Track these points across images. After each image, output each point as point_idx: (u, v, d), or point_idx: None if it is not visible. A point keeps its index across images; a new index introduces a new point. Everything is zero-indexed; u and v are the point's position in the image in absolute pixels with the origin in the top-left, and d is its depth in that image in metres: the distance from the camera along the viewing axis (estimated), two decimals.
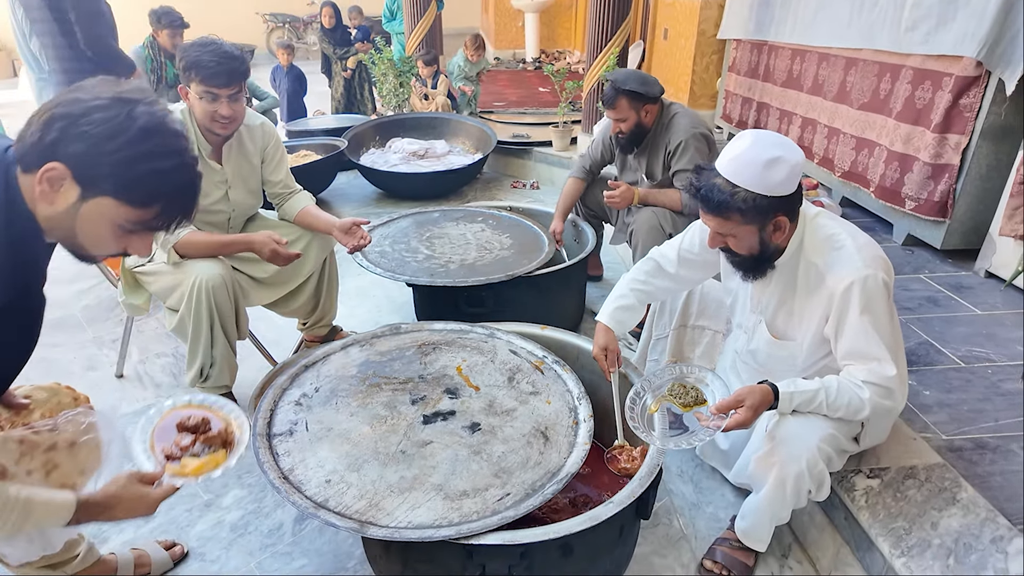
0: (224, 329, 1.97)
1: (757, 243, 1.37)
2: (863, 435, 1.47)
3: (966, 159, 2.49)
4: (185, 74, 1.84)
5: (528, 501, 1.30)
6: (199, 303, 1.89)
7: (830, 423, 1.37)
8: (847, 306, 1.32)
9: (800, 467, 1.34)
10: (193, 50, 1.82)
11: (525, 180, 4.77)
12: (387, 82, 5.29)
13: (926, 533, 1.35)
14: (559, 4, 9.23)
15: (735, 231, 1.36)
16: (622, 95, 2.33)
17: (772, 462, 1.38)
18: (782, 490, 1.38)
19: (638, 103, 2.35)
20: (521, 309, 2.25)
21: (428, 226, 2.74)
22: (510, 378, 1.71)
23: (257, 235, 1.94)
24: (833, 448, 1.39)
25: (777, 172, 1.29)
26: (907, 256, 2.74)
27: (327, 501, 1.29)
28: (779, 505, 1.41)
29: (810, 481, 1.37)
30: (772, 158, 1.28)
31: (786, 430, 1.38)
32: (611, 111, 2.39)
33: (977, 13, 2.34)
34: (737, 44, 4.42)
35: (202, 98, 1.84)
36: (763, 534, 1.51)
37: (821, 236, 1.39)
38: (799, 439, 1.36)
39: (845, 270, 1.32)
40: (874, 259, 1.33)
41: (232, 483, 1.89)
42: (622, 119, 2.39)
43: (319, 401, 1.60)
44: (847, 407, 1.33)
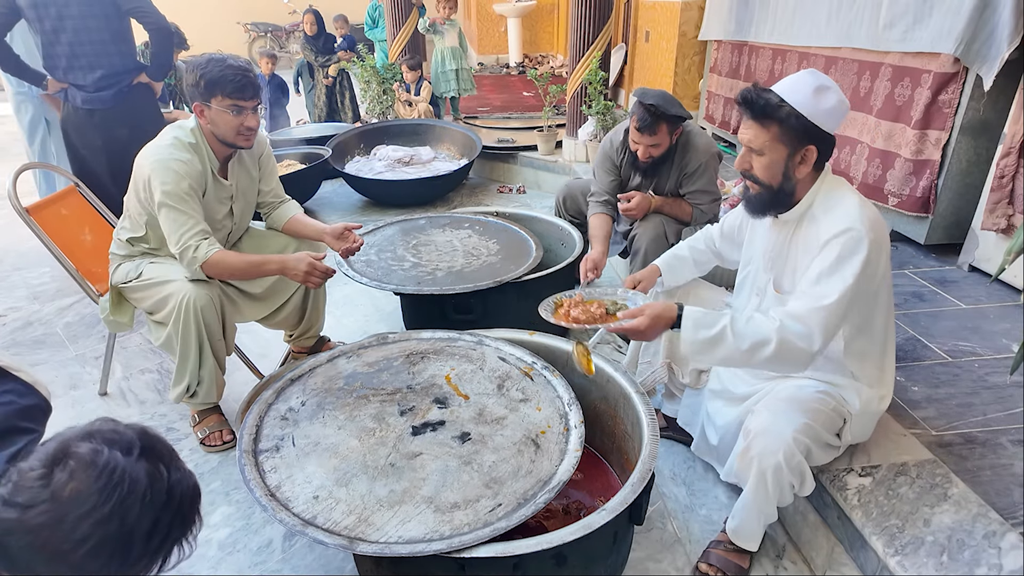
0: (213, 349, 1.95)
1: (781, 170, 1.38)
2: (845, 431, 1.47)
3: (947, 155, 2.51)
4: (205, 91, 1.80)
5: (520, 511, 1.28)
6: (187, 323, 1.87)
7: (804, 414, 1.38)
8: (827, 251, 1.33)
9: (777, 459, 1.36)
10: (211, 67, 1.79)
11: (511, 185, 4.77)
12: (370, 90, 5.26)
13: (919, 530, 1.35)
14: (541, 8, 9.26)
15: (767, 147, 1.37)
16: (663, 121, 2.17)
17: (751, 457, 1.40)
18: (763, 484, 1.40)
19: (674, 126, 2.23)
20: (510, 315, 2.24)
21: (414, 233, 2.72)
22: (499, 385, 1.69)
23: (291, 257, 1.88)
24: (811, 440, 1.39)
25: (826, 100, 1.32)
26: (891, 252, 2.76)
27: (315, 518, 1.27)
28: (763, 500, 1.42)
29: (790, 474, 1.38)
30: (823, 85, 1.33)
31: (760, 423, 1.40)
32: (650, 137, 2.20)
33: (953, 10, 2.36)
34: (718, 45, 4.44)
35: (228, 112, 1.82)
36: (753, 532, 1.51)
37: (831, 192, 1.41)
38: (773, 431, 1.37)
39: (838, 222, 1.34)
40: (871, 220, 1.33)
41: (219, 500, 1.86)
42: (657, 144, 2.24)
43: (306, 415, 1.58)
44: (752, 338, 1.32)
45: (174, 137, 1.86)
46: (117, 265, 2.01)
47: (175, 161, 1.81)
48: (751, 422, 1.42)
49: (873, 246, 1.30)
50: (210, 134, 1.89)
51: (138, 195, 1.90)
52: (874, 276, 1.34)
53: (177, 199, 1.80)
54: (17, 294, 3.09)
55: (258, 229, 2.25)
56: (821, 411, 1.41)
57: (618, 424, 1.75)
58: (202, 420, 2.09)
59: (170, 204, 1.80)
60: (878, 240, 1.32)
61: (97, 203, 2.46)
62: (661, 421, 2.01)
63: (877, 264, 1.34)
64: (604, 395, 1.78)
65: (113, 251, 2.04)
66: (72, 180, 2.45)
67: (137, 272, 1.97)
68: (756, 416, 1.42)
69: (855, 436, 1.50)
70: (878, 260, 1.34)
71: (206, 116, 1.85)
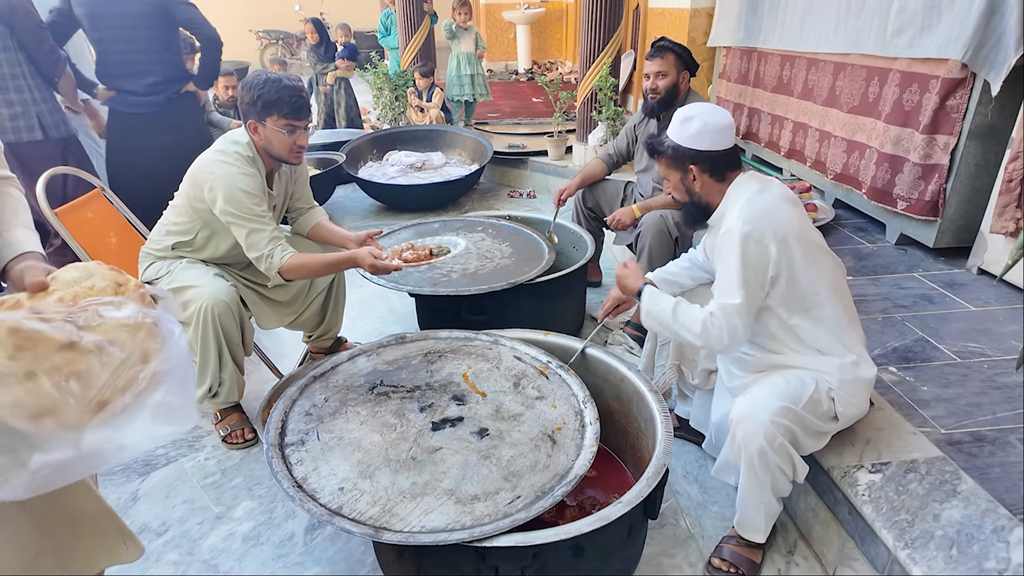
0: (232, 352, 2.01)
1: (683, 188, 1.64)
2: (836, 407, 1.50)
3: (955, 159, 2.54)
4: (262, 111, 1.86)
5: (538, 503, 1.32)
6: (206, 329, 1.93)
7: (779, 398, 1.44)
8: (720, 254, 1.52)
9: (759, 443, 1.42)
10: (268, 88, 1.84)
11: (522, 189, 4.82)
12: (383, 96, 5.34)
13: (928, 525, 1.38)
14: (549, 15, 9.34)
15: (667, 174, 1.66)
16: (671, 51, 2.46)
17: (737, 445, 1.47)
18: (752, 470, 1.46)
19: (682, 63, 2.48)
20: (522, 316, 2.28)
21: (429, 236, 2.77)
22: (516, 383, 1.74)
23: (359, 252, 1.94)
24: (794, 423, 1.44)
25: (690, 127, 1.57)
26: (900, 255, 2.79)
27: (341, 508, 1.31)
28: (756, 487, 1.48)
29: (775, 456, 1.43)
30: (688, 116, 1.58)
31: (739, 411, 1.47)
32: (657, 62, 2.47)
33: (960, 17, 2.40)
34: (727, 51, 4.49)
35: (283, 131, 1.88)
36: (755, 523, 1.54)
37: (730, 201, 1.58)
38: (751, 416, 1.44)
39: (724, 226, 1.53)
40: (749, 216, 1.47)
41: (242, 495, 1.91)
42: (663, 73, 2.48)
43: (329, 411, 1.63)
44: (684, 323, 1.56)
45: (236, 153, 1.91)
46: (149, 264, 2.07)
47: (242, 177, 1.87)
48: (733, 412, 1.49)
49: (747, 240, 1.45)
50: (262, 150, 1.95)
51: (192, 204, 1.96)
52: (764, 266, 1.46)
53: (247, 211, 1.87)
54: None
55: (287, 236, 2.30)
56: (800, 393, 1.46)
57: (632, 422, 1.79)
58: (224, 418, 2.14)
59: (243, 217, 1.87)
60: (755, 232, 1.45)
61: (122, 207, 2.53)
62: (674, 421, 2.04)
63: (762, 254, 1.45)
64: (617, 394, 1.82)
65: (148, 250, 2.09)
66: (97, 184, 2.52)
67: (167, 271, 2.03)
68: (737, 406, 1.49)
69: (848, 408, 1.50)
70: (760, 250, 1.45)
71: (260, 133, 1.91)
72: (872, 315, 2.28)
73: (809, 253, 1.50)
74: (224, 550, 1.73)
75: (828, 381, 1.50)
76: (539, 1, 9.26)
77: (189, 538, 1.77)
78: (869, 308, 2.33)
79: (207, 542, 1.75)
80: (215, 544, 1.75)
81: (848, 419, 1.54)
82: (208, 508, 1.87)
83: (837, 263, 1.58)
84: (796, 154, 3.66)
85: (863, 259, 2.76)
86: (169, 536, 1.77)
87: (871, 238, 2.98)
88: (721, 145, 1.57)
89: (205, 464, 2.04)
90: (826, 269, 1.53)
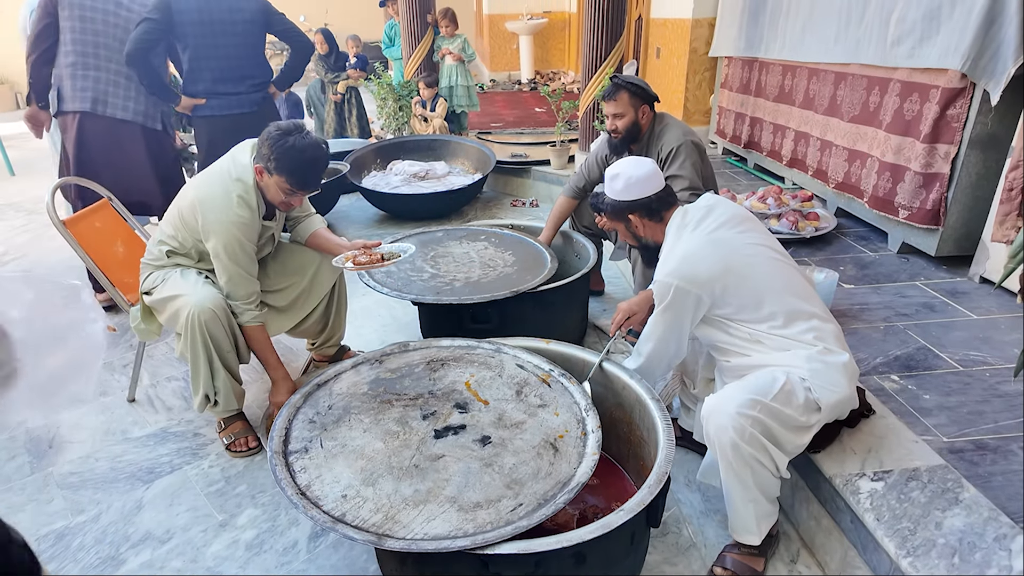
0: (223, 360, 2.02)
1: (631, 235, 1.82)
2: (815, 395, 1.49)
3: (956, 168, 2.55)
4: (275, 167, 1.88)
5: (541, 511, 1.33)
6: (194, 337, 1.95)
7: (745, 391, 1.47)
8: None
9: (729, 435, 1.44)
10: (291, 157, 1.86)
11: (525, 198, 4.84)
12: (387, 106, 5.38)
13: (931, 533, 1.38)
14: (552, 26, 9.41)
15: (612, 226, 1.84)
16: (623, 89, 2.42)
17: (712, 441, 1.49)
18: (728, 464, 1.47)
19: (637, 100, 2.42)
20: (526, 325, 2.30)
21: (432, 245, 2.79)
22: (518, 391, 1.75)
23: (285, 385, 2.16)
24: (766, 416, 1.43)
25: (617, 183, 1.74)
26: (902, 264, 2.79)
27: (344, 515, 1.32)
28: (737, 483, 1.49)
29: (748, 447, 1.43)
30: (613, 174, 1.76)
31: (707, 407, 1.51)
32: (611, 103, 2.44)
33: (959, 27, 2.42)
34: (729, 61, 4.52)
35: (284, 192, 1.94)
36: (747, 523, 1.54)
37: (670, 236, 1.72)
38: (718, 410, 1.47)
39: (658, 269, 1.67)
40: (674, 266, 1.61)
41: (246, 503, 1.92)
42: (620, 114, 2.44)
43: (332, 419, 1.64)
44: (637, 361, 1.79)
45: (239, 198, 1.93)
46: (148, 274, 2.10)
47: (241, 226, 1.93)
48: (703, 409, 1.53)
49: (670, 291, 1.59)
50: (260, 187, 1.99)
51: (185, 224, 2.00)
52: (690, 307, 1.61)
53: (238, 261, 1.96)
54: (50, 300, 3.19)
55: (284, 244, 2.32)
56: (769, 386, 1.47)
57: (634, 431, 1.80)
58: (227, 427, 2.15)
59: (232, 265, 1.95)
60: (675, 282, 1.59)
61: (129, 217, 2.56)
62: (677, 431, 2.05)
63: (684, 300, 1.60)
64: (620, 402, 1.82)
65: (145, 260, 2.12)
66: (104, 194, 2.55)
67: (162, 280, 2.05)
68: (705, 404, 1.53)
69: (827, 395, 1.49)
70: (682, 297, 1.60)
71: (264, 180, 1.95)
72: (874, 323, 2.28)
73: (746, 273, 1.59)
74: (227, 558, 1.73)
75: (799, 372, 1.51)
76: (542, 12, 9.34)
77: (193, 546, 1.77)
78: (871, 316, 2.33)
79: (211, 550, 1.76)
80: (218, 552, 1.75)
81: (832, 407, 1.51)
82: (212, 516, 1.88)
83: (786, 264, 1.65)
84: (798, 163, 3.67)
85: (865, 268, 2.77)
86: (173, 544, 1.78)
87: (873, 247, 2.99)
88: (651, 191, 1.72)
89: (209, 472, 2.05)
90: (772, 276, 1.60)
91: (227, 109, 3.08)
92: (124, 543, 1.78)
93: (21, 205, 5.06)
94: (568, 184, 2.82)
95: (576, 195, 2.79)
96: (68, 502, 1.94)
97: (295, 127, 1.92)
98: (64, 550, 1.77)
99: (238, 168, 1.97)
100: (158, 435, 2.24)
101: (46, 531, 1.83)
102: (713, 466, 1.64)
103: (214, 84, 3.04)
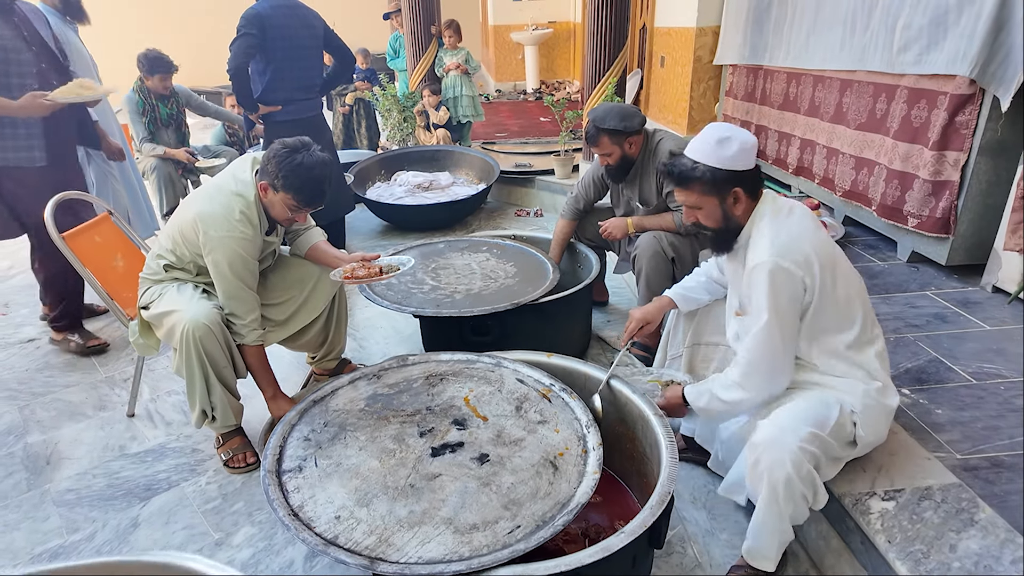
0: (219, 375, 2.00)
1: (721, 215, 1.54)
2: (857, 432, 1.46)
3: (966, 175, 2.50)
4: (280, 184, 1.89)
5: (539, 533, 1.29)
6: (189, 352, 1.93)
7: (807, 423, 1.40)
8: (751, 287, 1.47)
9: (786, 471, 1.36)
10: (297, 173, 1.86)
11: (529, 208, 4.82)
12: (391, 117, 5.39)
13: (945, 556, 1.33)
14: (557, 36, 9.42)
15: (700, 202, 1.54)
16: (603, 133, 2.39)
17: (760, 472, 1.40)
18: (775, 498, 1.40)
19: (619, 138, 2.40)
20: (527, 337, 2.26)
21: (434, 257, 2.77)
22: (518, 407, 1.71)
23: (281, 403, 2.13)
24: (820, 450, 1.39)
25: (728, 148, 1.48)
26: (912, 273, 2.74)
27: (337, 538, 1.29)
28: (776, 516, 1.42)
29: (801, 484, 1.38)
30: (723, 137, 1.49)
31: (765, 436, 1.41)
32: (595, 148, 2.45)
33: (967, 33, 2.38)
34: (733, 69, 4.49)
35: (289, 209, 1.94)
36: (769, 551, 1.49)
37: (757, 224, 1.53)
38: (779, 442, 1.38)
39: (757, 253, 1.47)
40: (785, 248, 1.44)
41: (243, 521, 1.89)
42: (607, 154, 2.45)
43: (328, 436, 1.61)
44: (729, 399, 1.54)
45: (241, 212, 1.92)
46: (146, 288, 2.08)
47: (243, 242, 1.92)
48: (756, 436, 1.43)
49: (777, 274, 1.42)
50: (263, 203, 1.98)
51: (185, 237, 1.98)
52: (798, 297, 1.44)
53: (241, 277, 1.95)
54: None
55: (283, 256, 2.31)
56: (827, 418, 1.42)
57: (636, 446, 1.75)
58: (225, 442, 2.12)
59: (232, 277, 1.93)
60: (786, 264, 1.42)
61: (129, 231, 2.55)
62: (680, 443, 2.00)
63: (794, 286, 1.43)
64: (622, 417, 1.78)
65: (144, 275, 2.11)
66: (106, 208, 2.55)
67: (159, 295, 2.03)
68: (761, 429, 1.43)
69: (869, 434, 1.47)
70: (793, 282, 1.43)
71: (268, 196, 1.95)
72: (884, 335, 2.22)
73: (839, 272, 1.49)
74: None
75: (852, 404, 1.46)
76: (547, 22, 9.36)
77: None
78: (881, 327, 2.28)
79: None
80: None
81: (866, 446, 1.50)
82: (208, 534, 1.85)
83: (861, 279, 1.58)
84: (804, 171, 3.63)
85: (874, 277, 2.72)
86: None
87: (882, 255, 2.94)
88: (753, 163, 1.53)
89: (207, 489, 2.03)
90: (855, 284, 1.53)
91: (298, 114, 3.44)
92: None
93: None
94: (567, 207, 2.80)
95: (576, 216, 2.79)
96: (64, 520, 1.91)
97: (301, 144, 1.91)
98: None
99: (239, 184, 1.96)
100: (156, 451, 2.22)
101: (40, 550, 1.80)
102: (738, 484, 1.59)
103: (292, 92, 3.38)
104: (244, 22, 3.15)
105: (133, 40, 5.33)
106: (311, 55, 3.44)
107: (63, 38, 3.06)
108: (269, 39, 3.20)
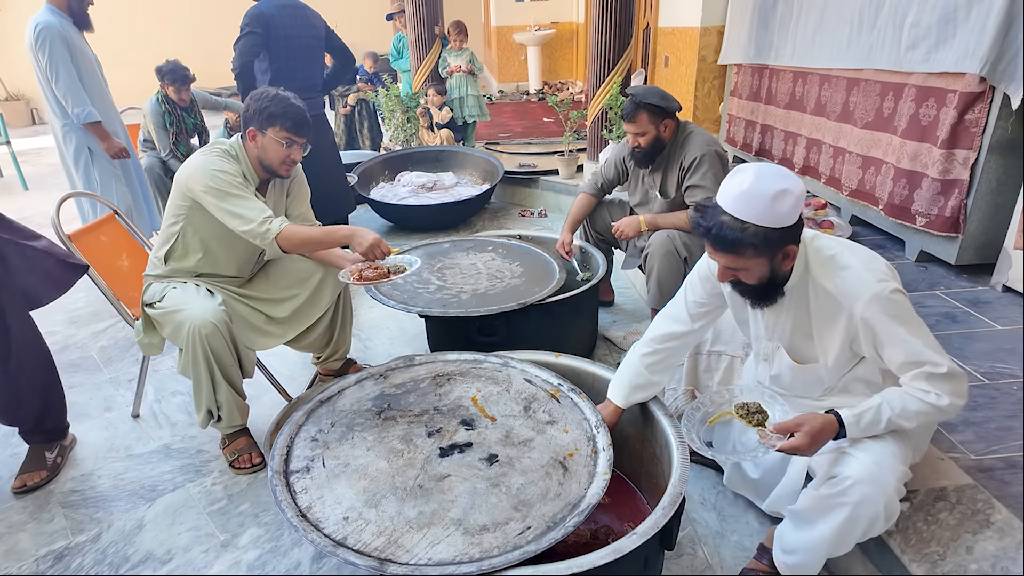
0: (225, 375, 1.98)
1: (768, 272, 1.37)
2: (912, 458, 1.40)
3: (975, 174, 2.48)
4: (266, 120, 1.93)
5: (549, 534, 1.27)
6: (195, 352, 1.91)
7: (901, 460, 1.28)
8: (875, 323, 1.30)
9: (877, 509, 1.27)
10: (277, 102, 1.94)
11: (533, 208, 4.81)
12: (395, 118, 5.39)
13: (961, 558, 1.31)
14: (560, 36, 9.42)
15: (746, 265, 1.35)
16: (643, 109, 2.35)
17: (843, 502, 1.29)
18: (852, 531, 1.30)
19: (658, 117, 2.37)
20: (534, 337, 2.25)
21: (439, 257, 2.76)
22: (526, 407, 1.69)
23: (359, 229, 1.94)
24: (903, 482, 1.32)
25: (784, 203, 1.28)
26: (921, 273, 2.72)
27: (345, 539, 1.27)
28: (843, 546, 1.34)
29: (885, 523, 1.30)
30: (779, 191, 1.27)
31: (861, 471, 1.27)
32: (631, 124, 2.39)
33: (977, 30, 2.36)
34: (738, 69, 4.47)
35: (280, 143, 1.95)
36: (815, 569, 1.43)
37: (825, 258, 1.38)
38: (878, 481, 1.26)
39: (859, 289, 1.31)
40: (882, 271, 1.34)
41: (249, 522, 1.87)
42: (641, 133, 2.40)
43: (335, 437, 1.59)
44: (917, 414, 1.28)
45: (221, 149, 1.98)
46: (148, 286, 2.08)
47: (219, 160, 1.93)
48: (848, 467, 1.29)
49: (896, 296, 1.29)
50: (255, 158, 2.00)
51: (176, 203, 1.99)
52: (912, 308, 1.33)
53: (229, 185, 1.88)
54: (55, 319, 3.18)
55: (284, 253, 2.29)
56: (908, 452, 1.33)
57: (646, 447, 1.74)
58: (231, 443, 2.11)
59: (226, 193, 1.86)
60: (895, 278, 1.33)
61: (135, 230, 2.54)
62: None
63: (907, 302, 1.32)
64: (631, 418, 1.77)
65: (147, 272, 2.10)
66: (111, 207, 2.54)
67: (162, 295, 2.02)
68: (855, 462, 1.29)
69: (916, 455, 1.43)
70: (906, 300, 1.32)
71: (258, 142, 1.96)
72: None
73: None
74: None
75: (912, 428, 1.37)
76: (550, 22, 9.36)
77: (194, 567, 1.73)
78: None
79: (212, 571, 1.71)
80: (220, 573, 1.71)
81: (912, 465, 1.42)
82: (214, 535, 1.83)
83: None
84: (810, 170, 3.61)
85: None
86: (173, 565, 1.73)
87: (890, 255, 2.92)
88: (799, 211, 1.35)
89: (212, 489, 2.01)
90: None
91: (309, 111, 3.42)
92: (124, 564, 1.74)
93: (32, 219, 5.08)
94: (587, 182, 2.80)
95: (597, 193, 2.78)
96: (69, 521, 1.90)
97: (270, 88, 1.99)
98: (63, 571, 1.73)
99: (219, 141, 2.03)
100: (161, 451, 2.21)
101: (45, 551, 1.79)
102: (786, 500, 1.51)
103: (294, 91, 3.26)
104: (248, 20, 3.18)
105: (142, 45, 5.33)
106: (313, 55, 3.48)
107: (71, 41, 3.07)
108: (272, 38, 3.24)
